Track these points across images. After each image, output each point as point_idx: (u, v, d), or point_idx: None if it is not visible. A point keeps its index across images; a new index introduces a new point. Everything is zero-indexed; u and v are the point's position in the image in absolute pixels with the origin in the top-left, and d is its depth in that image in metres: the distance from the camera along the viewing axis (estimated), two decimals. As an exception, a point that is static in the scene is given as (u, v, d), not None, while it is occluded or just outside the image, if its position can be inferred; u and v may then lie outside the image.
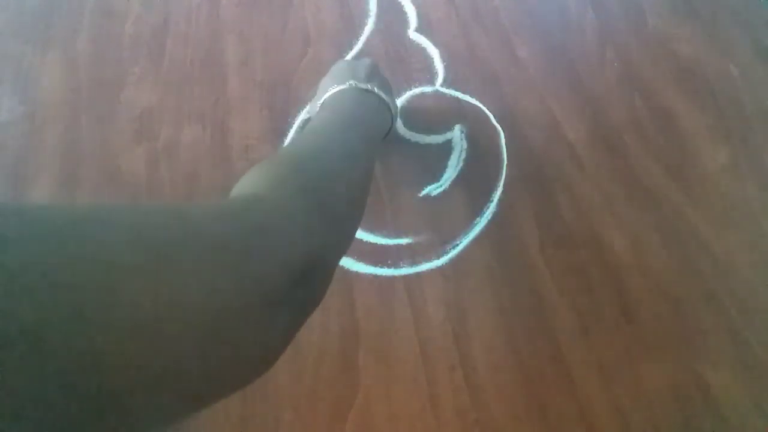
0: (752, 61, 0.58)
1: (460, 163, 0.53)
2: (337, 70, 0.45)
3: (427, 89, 0.58)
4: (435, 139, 0.55)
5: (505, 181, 0.52)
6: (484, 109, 0.56)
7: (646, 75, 0.58)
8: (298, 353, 0.44)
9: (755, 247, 0.48)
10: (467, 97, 0.57)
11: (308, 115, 0.54)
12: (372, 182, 0.36)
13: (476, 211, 0.50)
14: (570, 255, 0.48)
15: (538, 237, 0.49)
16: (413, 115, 0.56)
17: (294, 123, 0.56)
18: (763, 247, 0.48)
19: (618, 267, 0.47)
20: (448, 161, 0.53)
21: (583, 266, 0.48)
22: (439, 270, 0.48)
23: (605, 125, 0.55)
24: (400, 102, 0.56)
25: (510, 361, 0.44)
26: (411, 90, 0.57)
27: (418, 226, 0.50)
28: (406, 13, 0.63)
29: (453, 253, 0.48)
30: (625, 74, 0.58)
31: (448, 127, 0.55)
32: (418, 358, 0.44)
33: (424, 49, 0.60)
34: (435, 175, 0.52)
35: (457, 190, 0.52)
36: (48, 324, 0.12)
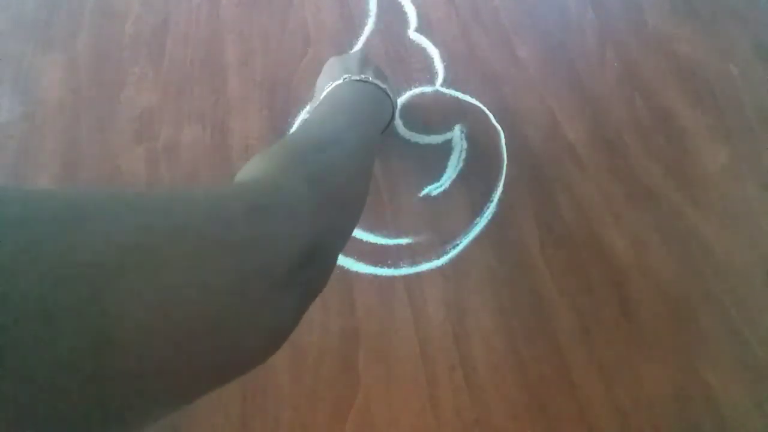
0: (752, 61, 0.58)
1: (460, 163, 0.53)
2: (330, 68, 0.45)
3: (427, 89, 0.57)
4: (435, 139, 0.55)
5: (505, 181, 0.52)
6: (484, 109, 0.56)
7: (646, 75, 0.58)
8: (298, 353, 0.44)
9: (755, 246, 0.48)
10: (467, 97, 0.57)
11: (308, 115, 0.54)
12: (372, 176, 0.36)
13: (476, 211, 0.50)
14: (570, 255, 0.48)
15: (538, 237, 0.49)
16: (413, 115, 0.56)
17: (294, 123, 0.56)
18: (763, 246, 0.48)
19: (618, 267, 0.47)
20: (448, 161, 0.53)
21: (583, 266, 0.48)
22: (439, 270, 0.48)
23: (605, 125, 0.55)
24: (400, 102, 0.56)
25: (510, 361, 0.44)
26: (411, 90, 0.57)
27: (418, 226, 0.50)
28: (406, 13, 0.63)
29: (453, 253, 0.48)
30: (625, 74, 0.58)
31: (448, 127, 0.55)
32: (418, 358, 0.44)
33: (424, 49, 0.60)
34: (435, 175, 0.52)
35: (457, 190, 0.52)
36: (59, 305, 0.12)
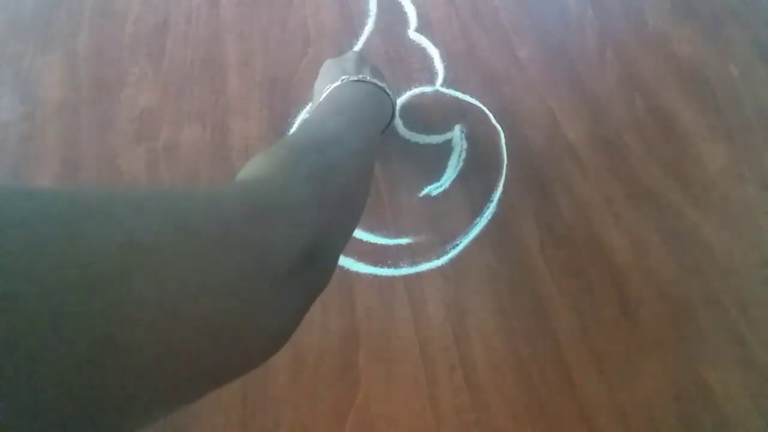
0: (752, 61, 0.58)
1: (460, 163, 0.53)
2: (327, 70, 0.45)
3: (427, 89, 0.57)
4: (435, 139, 0.55)
5: (505, 181, 0.52)
6: (484, 109, 0.56)
7: (646, 75, 0.58)
8: (298, 353, 0.44)
9: (755, 246, 0.48)
10: (467, 97, 0.57)
11: (308, 115, 0.54)
12: (373, 175, 0.36)
13: (476, 211, 0.50)
14: (570, 255, 0.48)
15: (538, 237, 0.49)
16: (413, 115, 0.56)
17: (294, 123, 0.56)
18: (764, 246, 0.48)
19: (618, 267, 0.47)
20: (448, 161, 0.53)
21: (583, 266, 0.48)
22: (439, 270, 0.48)
23: (605, 125, 0.55)
24: (400, 102, 0.56)
25: (510, 361, 0.44)
26: (411, 90, 0.57)
27: (418, 226, 0.50)
28: (406, 13, 0.63)
29: (453, 253, 0.48)
30: (625, 74, 0.58)
31: (448, 127, 0.55)
32: (418, 358, 0.44)
33: (424, 49, 0.60)
34: (435, 175, 0.52)
35: (457, 190, 0.52)
36: (60, 305, 0.12)
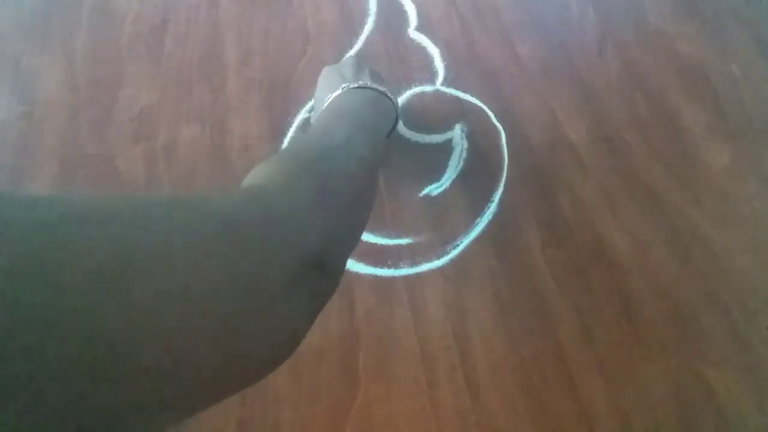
0: (754, 60, 0.58)
1: (461, 163, 0.53)
2: (325, 79, 0.45)
3: (428, 88, 0.57)
4: (435, 139, 0.54)
5: (505, 181, 0.52)
6: (485, 108, 0.56)
7: (648, 74, 0.57)
8: (297, 353, 0.43)
9: (757, 246, 0.48)
10: (468, 96, 0.57)
11: (308, 115, 0.54)
12: (379, 180, 0.36)
13: (477, 211, 0.50)
14: (571, 255, 0.48)
15: (539, 237, 0.49)
16: (413, 115, 0.55)
17: (293, 122, 0.55)
18: (765, 246, 0.48)
19: (619, 267, 0.47)
20: (449, 161, 0.53)
21: (584, 266, 0.47)
22: (440, 270, 0.47)
23: (606, 124, 0.55)
24: (400, 101, 0.56)
25: (510, 361, 0.43)
26: (411, 89, 0.57)
27: (418, 226, 0.50)
28: (406, 12, 0.63)
29: (453, 254, 0.48)
30: (626, 73, 0.58)
31: (448, 127, 0.55)
32: (418, 359, 0.44)
33: (425, 48, 0.60)
34: (435, 175, 0.52)
35: (457, 190, 0.51)
36: (61, 311, 0.12)
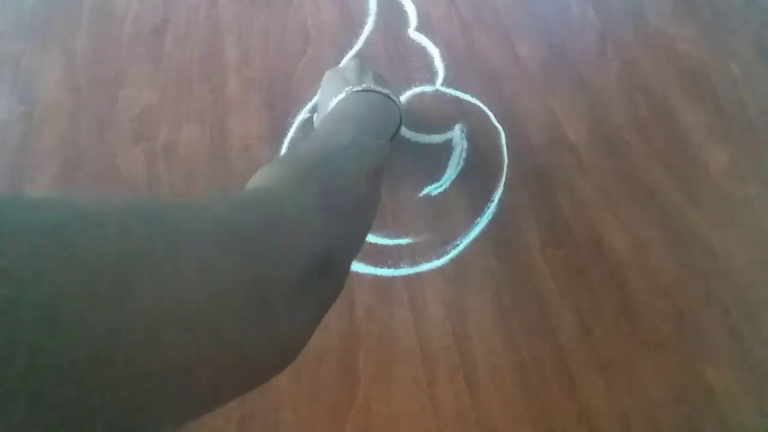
0: (754, 61, 0.58)
1: (461, 163, 0.53)
2: (329, 82, 0.45)
3: (428, 88, 0.57)
4: (435, 139, 0.54)
5: (505, 181, 0.52)
6: (485, 108, 0.56)
7: (648, 74, 0.58)
8: (297, 353, 0.44)
9: (756, 246, 0.48)
10: (467, 97, 0.57)
11: (308, 115, 0.54)
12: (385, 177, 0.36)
13: (477, 211, 0.50)
14: (571, 255, 0.48)
15: (539, 237, 0.49)
16: (413, 115, 0.55)
17: (293, 122, 0.56)
18: (764, 246, 0.48)
19: (619, 267, 0.47)
20: (449, 161, 0.53)
21: (584, 266, 0.47)
22: (439, 270, 0.47)
23: (606, 125, 0.55)
24: (400, 101, 0.56)
25: (510, 361, 0.44)
26: (411, 89, 0.57)
27: (418, 226, 0.50)
28: (406, 12, 0.63)
29: (453, 254, 0.48)
30: (626, 74, 0.58)
31: (448, 127, 0.55)
32: (418, 359, 0.44)
33: (425, 49, 0.60)
34: (435, 175, 0.52)
35: (457, 190, 0.51)
36: (65, 313, 0.12)
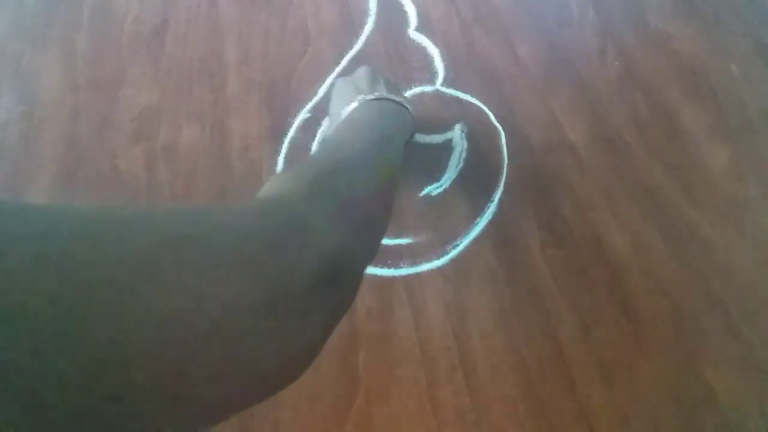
0: (754, 61, 0.58)
1: (461, 163, 0.53)
2: (340, 91, 0.45)
3: (428, 89, 0.57)
4: (435, 139, 0.54)
5: (505, 181, 0.52)
6: (485, 108, 0.56)
7: (648, 74, 0.58)
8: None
9: (756, 246, 0.48)
10: (467, 97, 0.57)
11: (309, 115, 0.54)
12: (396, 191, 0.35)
13: (477, 211, 0.50)
14: (571, 255, 0.48)
15: (539, 237, 0.49)
16: (413, 115, 0.55)
17: (294, 123, 0.56)
18: (764, 246, 0.48)
19: (619, 267, 0.47)
20: (449, 161, 0.53)
21: (584, 266, 0.47)
22: (440, 270, 0.47)
23: (606, 125, 0.55)
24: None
25: (510, 361, 0.44)
26: (411, 89, 0.57)
27: (418, 226, 0.50)
28: (406, 12, 0.63)
29: (453, 254, 0.48)
30: (626, 74, 0.58)
31: (448, 127, 0.55)
32: (418, 359, 0.44)
33: (425, 49, 0.60)
34: (435, 175, 0.52)
35: (457, 190, 0.51)
36: (69, 321, 0.12)
